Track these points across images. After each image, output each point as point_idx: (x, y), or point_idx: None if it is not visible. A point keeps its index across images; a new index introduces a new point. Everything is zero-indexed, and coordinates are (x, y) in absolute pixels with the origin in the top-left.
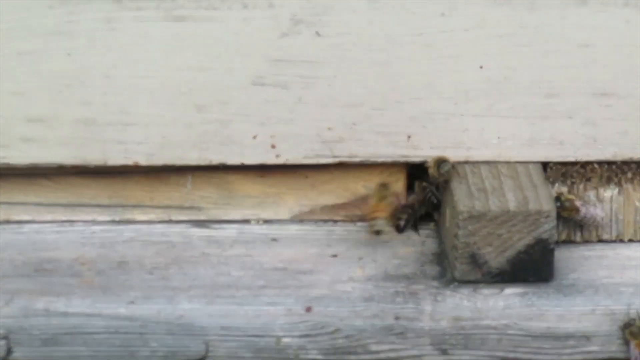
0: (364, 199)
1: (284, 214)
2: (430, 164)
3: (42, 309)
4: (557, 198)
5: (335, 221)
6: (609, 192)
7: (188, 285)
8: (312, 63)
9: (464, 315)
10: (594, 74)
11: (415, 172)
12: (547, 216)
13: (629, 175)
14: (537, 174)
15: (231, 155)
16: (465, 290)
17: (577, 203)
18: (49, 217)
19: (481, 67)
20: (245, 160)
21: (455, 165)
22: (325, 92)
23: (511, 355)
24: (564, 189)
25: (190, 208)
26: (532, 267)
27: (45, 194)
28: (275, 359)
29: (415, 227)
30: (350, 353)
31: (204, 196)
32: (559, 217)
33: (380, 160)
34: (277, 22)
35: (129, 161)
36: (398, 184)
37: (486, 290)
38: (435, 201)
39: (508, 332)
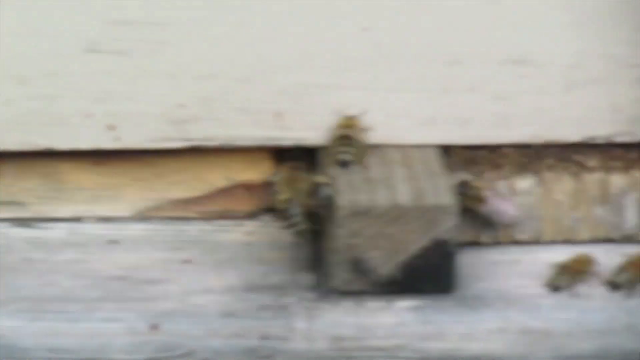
0: (223, 191)
1: (124, 210)
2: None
3: None
4: (461, 185)
5: (187, 219)
6: (525, 183)
7: (8, 298)
8: (158, 25)
9: (346, 333)
10: (507, 36)
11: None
12: (448, 212)
13: (549, 161)
14: (435, 161)
15: (60, 139)
16: (348, 304)
17: (485, 193)
18: None
19: (365, 29)
20: (77, 144)
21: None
22: (175, 60)
23: None
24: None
25: (10, 203)
26: (430, 275)
27: None
28: None
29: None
30: None
31: (27, 189)
32: (462, 210)
33: (243, 143)
34: None
35: None
36: (262, 172)
37: (373, 304)
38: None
39: (400, 355)
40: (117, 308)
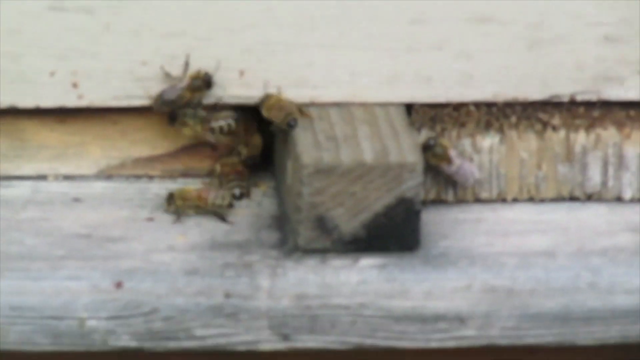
0: (186, 149)
1: (88, 168)
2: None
3: None
4: (429, 142)
5: (151, 177)
6: (489, 141)
7: None
8: None
9: (310, 292)
10: None
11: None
12: (412, 170)
13: (513, 119)
14: (399, 119)
15: (23, 97)
16: (312, 262)
17: (452, 152)
18: None
19: None
20: (40, 102)
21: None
22: (139, 18)
23: (368, 341)
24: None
25: None
26: (394, 233)
27: None
28: (78, 345)
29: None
30: (169, 338)
31: None
32: (427, 168)
33: (207, 101)
34: None
35: None
36: None
37: (337, 262)
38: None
39: (364, 313)
40: (81, 266)
